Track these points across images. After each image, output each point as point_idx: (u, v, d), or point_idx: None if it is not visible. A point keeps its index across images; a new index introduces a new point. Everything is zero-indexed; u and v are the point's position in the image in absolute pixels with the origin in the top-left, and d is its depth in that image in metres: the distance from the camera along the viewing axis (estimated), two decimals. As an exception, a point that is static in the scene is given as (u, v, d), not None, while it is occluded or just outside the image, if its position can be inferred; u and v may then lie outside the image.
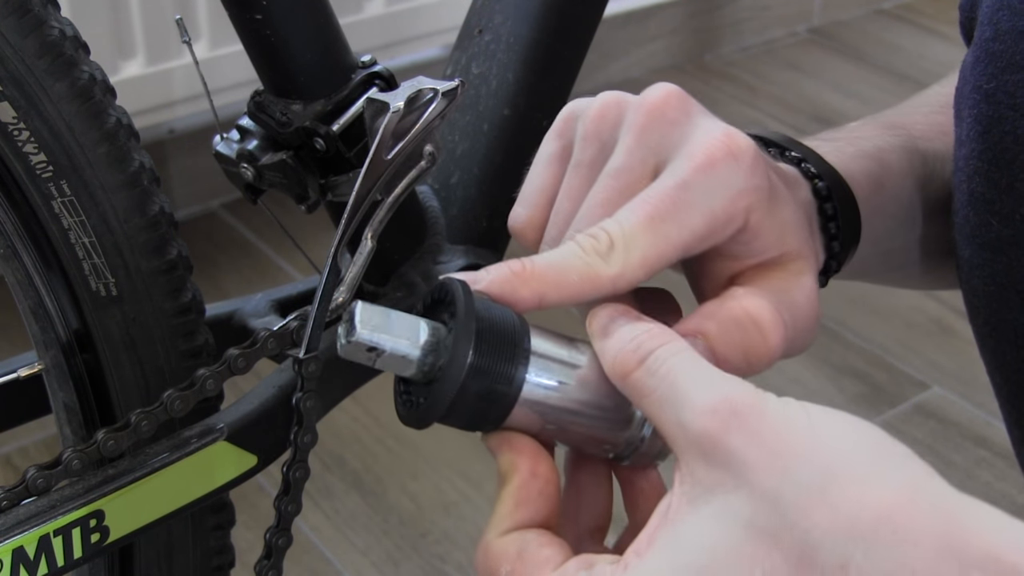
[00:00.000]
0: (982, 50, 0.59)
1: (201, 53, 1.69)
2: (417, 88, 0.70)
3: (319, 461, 1.49)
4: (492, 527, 0.48)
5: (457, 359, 0.46)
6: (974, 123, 0.59)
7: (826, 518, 0.39)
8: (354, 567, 1.37)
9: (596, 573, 0.44)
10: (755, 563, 0.40)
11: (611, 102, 0.53)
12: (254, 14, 0.70)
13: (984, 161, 0.59)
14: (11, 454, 1.51)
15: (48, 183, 0.65)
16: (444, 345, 0.48)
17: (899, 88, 2.38)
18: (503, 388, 0.47)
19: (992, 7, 0.58)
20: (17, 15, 0.62)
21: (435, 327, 0.48)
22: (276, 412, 0.72)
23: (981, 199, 0.60)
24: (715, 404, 0.42)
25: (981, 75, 0.59)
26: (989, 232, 0.59)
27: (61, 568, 0.65)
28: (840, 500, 0.39)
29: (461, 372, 0.46)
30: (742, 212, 0.50)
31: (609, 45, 2.32)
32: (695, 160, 0.49)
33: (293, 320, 0.73)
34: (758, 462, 0.40)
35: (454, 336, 0.47)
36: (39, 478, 0.65)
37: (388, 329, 0.47)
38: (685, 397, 0.43)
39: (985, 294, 0.61)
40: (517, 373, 0.48)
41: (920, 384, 1.63)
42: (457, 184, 0.84)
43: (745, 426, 0.41)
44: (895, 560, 0.38)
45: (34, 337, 0.70)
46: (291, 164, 0.73)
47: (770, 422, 0.41)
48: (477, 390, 0.47)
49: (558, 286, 0.49)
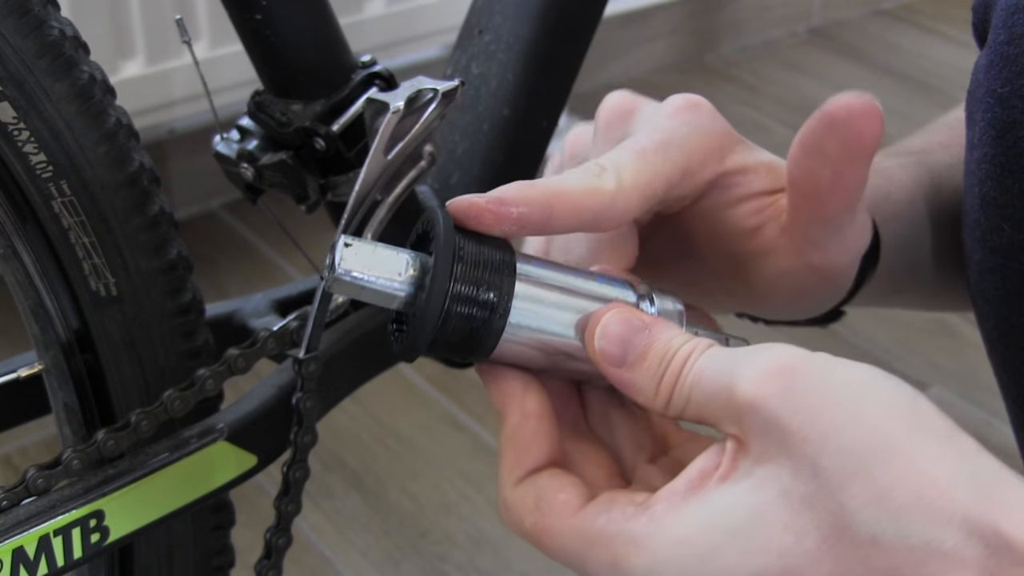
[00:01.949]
0: (996, 53, 0.58)
1: (201, 53, 1.69)
2: (417, 88, 0.70)
3: (319, 461, 1.49)
4: (504, 480, 0.47)
5: (437, 286, 0.45)
6: (987, 127, 0.59)
7: (862, 491, 0.39)
8: (354, 567, 1.37)
9: (618, 517, 0.44)
10: (787, 530, 0.40)
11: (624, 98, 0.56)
12: (254, 14, 0.70)
13: (997, 166, 0.59)
14: (11, 454, 1.51)
15: (48, 183, 0.65)
16: (428, 275, 0.47)
17: (899, 88, 2.38)
18: (487, 315, 0.46)
19: (1007, 10, 0.58)
20: (17, 15, 0.62)
21: (423, 259, 0.47)
22: (276, 412, 0.72)
23: (993, 203, 0.59)
24: (761, 371, 0.42)
25: (995, 79, 0.58)
26: (1001, 237, 0.59)
27: (61, 568, 0.65)
28: (878, 474, 0.39)
29: (442, 300, 0.45)
30: (716, 151, 0.53)
31: (609, 45, 2.32)
32: (664, 110, 0.53)
33: (293, 320, 0.73)
34: (800, 430, 0.41)
35: (434, 264, 0.46)
36: (39, 478, 0.65)
37: (372, 264, 0.47)
38: (736, 373, 0.43)
39: (996, 298, 0.61)
40: (502, 300, 0.46)
41: (920, 384, 1.63)
42: (457, 184, 0.84)
43: (791, 392, 0.41)
44: (926, 538, 0.39)
45: (34, 337, 0.70)
46: (291, 164, 0.73)
47: (816, 387, 0.41)
48: (460, 318, 0.46)
49: (563, 196, 0.48)
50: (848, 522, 0.40)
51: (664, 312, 0.50)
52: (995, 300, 0.61)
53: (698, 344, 0.45)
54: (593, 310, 0.48)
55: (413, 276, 0.47)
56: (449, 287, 0.46)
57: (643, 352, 0.46)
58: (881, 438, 0.40)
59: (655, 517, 0.43)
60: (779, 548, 0.40)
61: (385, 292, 0.47)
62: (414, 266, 0.47)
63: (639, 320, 0.47)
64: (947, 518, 0.39)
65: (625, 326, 0.46)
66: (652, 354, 0.46)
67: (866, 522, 0.39)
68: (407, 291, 0.47)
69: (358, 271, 0.46)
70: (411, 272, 0.47)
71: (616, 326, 0.46)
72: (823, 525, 0.40)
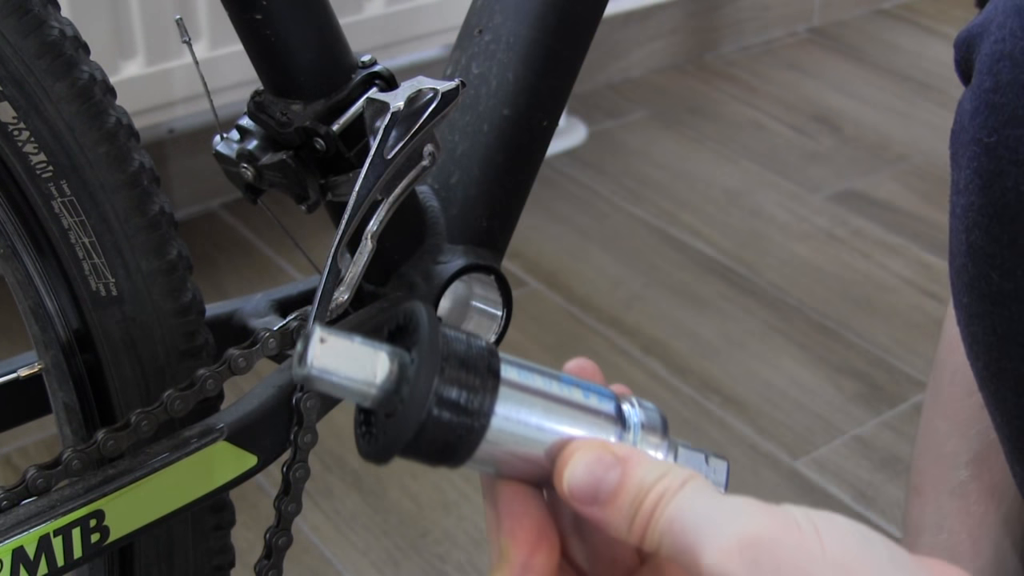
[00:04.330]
0: (982, 101, 0.58)
1: (201, 53, 1.69)
2: (417, 88, 0.70)
3: (319, 461, 1.49)
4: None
5: (419, 390, 0.43)
6: (974, 175, 0.58)
7: None
8: (354, 567, 1.37)
9: None
10: None
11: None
12: (254, 14, 0.70)
13: (984, 215, 0.58)
14: (11, 454, 1.51)
15: (48, 183, 0.65)
16: (407, 376, 0.44)
17: (899, 88, 2.38)
18: (469, 422, 0.44)
19: (992, 56, 0.57)
20: (17, 15, 0.62)
21: (400, 355, 0.45)
22: (276, 412, 0.72)
23: (981, 252, 0.59)
24: (726, 545, 0.41)
25: (981, 127, 0.58)
26: (990, 285, 0.59)
27: (61, 568, 0.65)
28: None
29: (423, 404, 0.43)
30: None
31: (609, 45, 2.32)
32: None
33: (293, 320, 0.73)
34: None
35: (417, 365, 0.43)
36: (39, 478, 0.65)
37: (347, 360, 0.43)
38: (703, 539, 0.42)
39: (985, 342, 0.61)
40: (485, 405, 0.44)
41: (920, 384, 1.63)
42: (457, 184, 0.84)
43: (755, 570, 0.40)
44: None
45: (34, 337, 0.70)
46: (291, 164, 0.73)
47: (786, 558, 0.41)
48: (439, 426, 0.43)
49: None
50: None
51: (647, 423, 0.48)
52: (984, 344, 0.61)
53: (671, 483, 0.43)
54: (570, 433, 0.46)
55: (389, 373, 0.44)
56: (431, 398, 0.43)
57: (615, 491, 0.44)
58: None
59: None
60: None
61: (359, 392, 0.44)
62: (391, 365, 0.44)
63: (611, 457, 0.45)
64: None
65: (597, 465, 0.44)
66: (624, 494, 0.44)
67: None
68: (382, 389, 0.44)
69: (331, 368, 0.43)
70: (386, 368, 0.44)
71: (586, 466, 0.44)
72: None
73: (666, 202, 2.01)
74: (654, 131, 2.23)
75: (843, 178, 2.08)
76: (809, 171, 2.09)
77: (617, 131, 2.22)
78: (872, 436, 1.51)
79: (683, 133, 2.22)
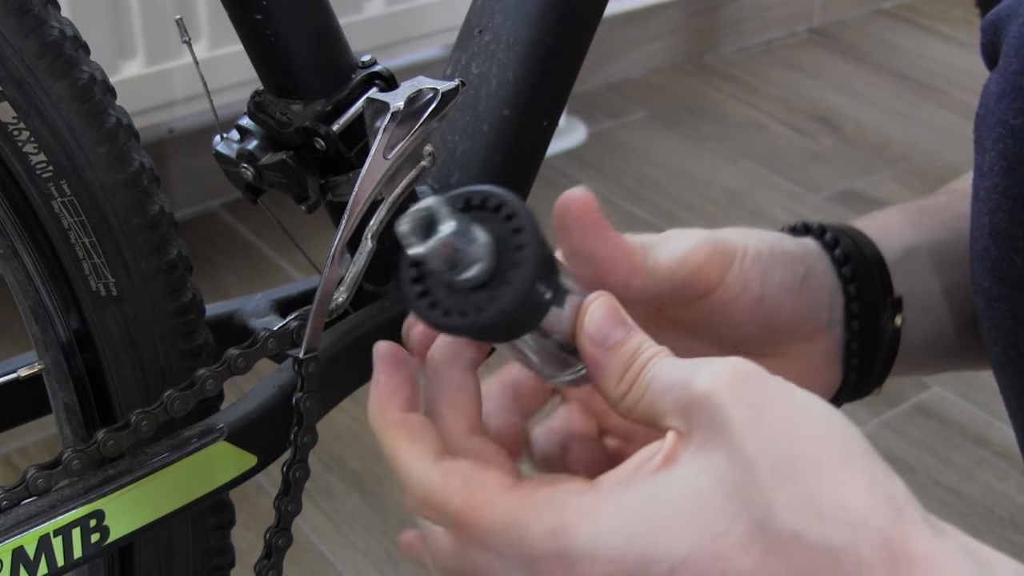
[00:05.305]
0: (1009, 83, 0.58)
1: (201, 53, 1.69)
2: (417, 88, 0.70)
3: (319, 461, 1.49)
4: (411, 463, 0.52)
5: (524, 281, 0.46)
6: (999, 157, 0.58)
7: (789, 494, 0.43)
8: (354, 567, 1.37)
9: (563, 490, 0.47)
10: (721, 514, 0.44)
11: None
12: (254, 14, 0.70)
13: (1008, 198, 0.58)
14: (11, 454, 1.51)
15: (48, 183, 0.65)
16: (491, 252, 0.46)
17: (899, 88, 2.38)
18: (533, 316, 0.48)
19: (1020, 39, 0.57)
20: (17, 15, 0.62)
21: (487, 231, 0.47)
22: (276, 412, 0.72)
23: (1004, 235, 0.59)
24: (720, 369, 0.46)
25: (1007, 109, 0.58)
26: (1012, 268, 0.59)
27: (61, 568, 0.65)
28: (807, 478, 0.44)
29: (521, 296, 0.46)
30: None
31: (609, 45, 2.32)
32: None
33: (293, 320, 0.73)
34: (744, 424, 0.45)
35: (525, 255, 0.46)
36: (39, 478, 0.65)
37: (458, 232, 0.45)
38: (695, 370, 0.47)
39: (1004, 326, 0.61)
40: (547, 301, 0.48)
41: (920, 384, 1.62)
42: (457, 184, 0.84)
43: (742, 390, 0.45)
44: (844, 539, 0.43)
45: (34, 337, 0.70)
46: (291, 164, 0.73)
47: (766, 392, 0.46)
48: (518, 314, 0.47)
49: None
50: (774, 516, 0.43)
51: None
52: (1003, 328, 0.61)
53: (666, 351, 0.50)
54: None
55: (489, 245, 0.46)
56: (528, 286, 0.46)
57: (621, 341, 0.50)
58: (815, 449, 0.44)
59: (602, 491, 0.46)
60: (713, 531, 0.44)
61: (472, 260, 0.46)
62: (488, 237, 0.46)
63: (626, 318, 0.51)
64: (865, 528, 0.43)
65: (614, 314, 0.51)
66: (627, 345, 0.50)
67: (791, 520, 0.43)
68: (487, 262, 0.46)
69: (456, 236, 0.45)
70: (487, 241, 0.46)
71: (606, 310, 0.51)
72: (752, 515, 0.43)
73: (666, 202, 2.01)
74: (654, 131, 2.23)
75: (843, 178, 2.08)
76: (809, 171, 2.09)
77: (617, 131, 2.22)
78: (872, 436, 1.51)
79: (683, 133, 2.22)
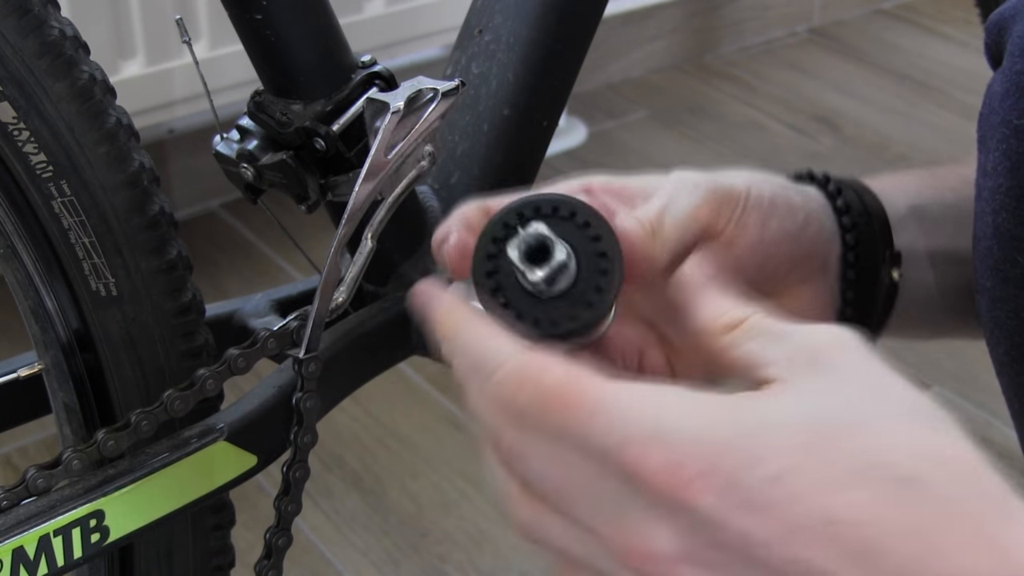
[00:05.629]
0: (1013, 83, 0.58)
1: (201, 53, 1.69)
2: (417, 88, 0.70)
3: (319, 461, 1.49)
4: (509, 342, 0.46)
5: (610, 293, 0.46)
6: (1002, 157, 0.58)
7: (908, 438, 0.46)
8: (354, 567, 1.37)
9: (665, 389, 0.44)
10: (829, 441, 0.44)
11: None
12: (254, 14, 0.70)
13: (1012, 198, 0.58)
14: (11, 454, 1.51)
15: (48, 183, 0.65)
16: (575, 264, 0.46)
17: (899, 88, 2.38)
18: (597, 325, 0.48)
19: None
20: (17, 15, 0.62)
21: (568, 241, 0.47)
22: (276, 412, 0.72)
23: (1008, 235, 0.59)
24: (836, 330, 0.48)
25: (1012, 109, 0.58)
26: (1015, 268, 0.59)
27: (61, 568, 0.65)
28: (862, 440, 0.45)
29: (605, 311, 0.47)
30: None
31: (609, 45, 2.32)
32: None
33: (293, 320, 0.73)
34: (842, 383, 0.47)
35: (610, 268, 0.47)
36: (39, 478, 0.65)
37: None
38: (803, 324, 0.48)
39: (1008, 326, 0.61)
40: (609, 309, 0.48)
41: (920, 384, 1.62)
42: (457, 184, 0.84)
43: (861, 349, 0.49)
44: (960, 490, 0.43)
45: (34, 337, 0.70)
46: (291, 164, 0.73)
47: (861, 357, 0.49)
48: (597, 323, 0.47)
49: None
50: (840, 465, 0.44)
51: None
52: (1007, 328, 0.61)
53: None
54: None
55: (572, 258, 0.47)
56: (613, 299, 0.47)
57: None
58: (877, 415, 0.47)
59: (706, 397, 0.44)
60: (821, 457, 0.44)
61: (565, 269, 0.46)
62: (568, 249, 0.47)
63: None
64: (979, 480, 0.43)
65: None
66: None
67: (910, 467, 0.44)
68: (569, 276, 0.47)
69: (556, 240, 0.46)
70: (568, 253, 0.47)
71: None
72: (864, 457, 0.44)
73: (666, 202, 2.01)
74: (654, 131, 2.23)
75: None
76: (809, 171, 2.09)
77: (617, 131, 2.22)
78: (872, 436, 1.51)
79: (683, 133, 2.22)
